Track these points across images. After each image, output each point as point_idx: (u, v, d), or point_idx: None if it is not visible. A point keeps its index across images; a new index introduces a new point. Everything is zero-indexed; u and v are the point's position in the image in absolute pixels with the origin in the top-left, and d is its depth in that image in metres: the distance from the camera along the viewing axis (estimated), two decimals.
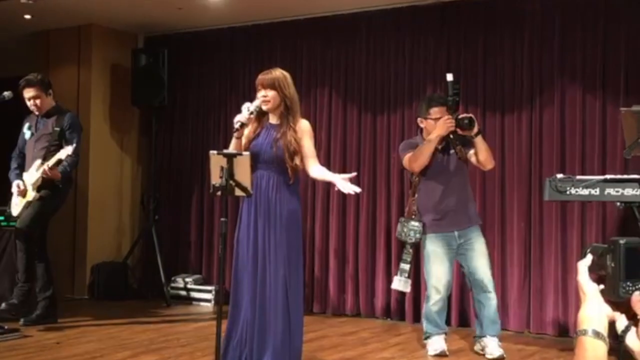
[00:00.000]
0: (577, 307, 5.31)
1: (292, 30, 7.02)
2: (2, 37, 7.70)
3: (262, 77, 4.24)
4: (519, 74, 6.00)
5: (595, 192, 4.57)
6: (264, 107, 4.21)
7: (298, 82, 4.40)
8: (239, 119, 4.11)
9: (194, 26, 7.46)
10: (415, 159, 4.93)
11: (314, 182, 6.54)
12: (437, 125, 4.87)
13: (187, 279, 7.30)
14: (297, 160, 4.18)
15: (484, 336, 4.97)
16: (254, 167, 4.19)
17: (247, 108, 4.15)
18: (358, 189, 4.03)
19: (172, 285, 7.29)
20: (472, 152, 4.95)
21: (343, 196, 6.65)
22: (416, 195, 5.04)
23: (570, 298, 5.67)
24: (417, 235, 4.94)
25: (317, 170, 4.26)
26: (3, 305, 5.67)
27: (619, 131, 5.35)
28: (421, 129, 5.11)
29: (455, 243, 4.98)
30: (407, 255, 4.99)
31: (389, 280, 6.45)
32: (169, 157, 7.75)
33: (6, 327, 5.52)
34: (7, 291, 6.07)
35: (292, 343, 4.16)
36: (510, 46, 6.04)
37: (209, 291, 7.17)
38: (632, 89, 5.54)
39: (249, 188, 4.01)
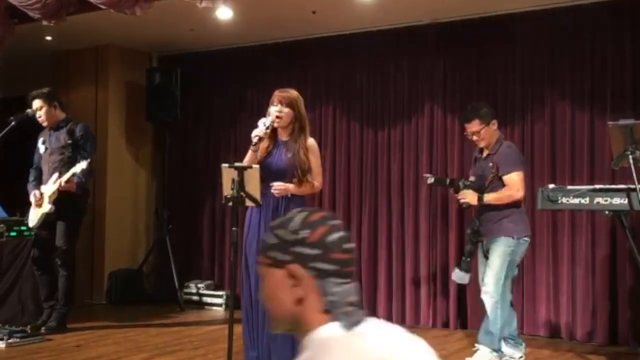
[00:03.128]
0: (568, 311, 5.29)
1: (297, 50, 7.06)
2: (24, 57, 7.73)
3: (280, 94, 4.27)
4: (511, 91, 6.04)
5: (585, 201, 4.56)
6: (276, 123, 4.23)
7: (304, 99, 4.42)
8: (256, 133, 4.15)
9: (205, 46, 7.51)
10: None
11: (320, 193, 6.56)
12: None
13: (200, 285, 7.32)
14: (309, 177, 4.25)
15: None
16: (266, 184, 4.21)
17: (264, 123, 4.19)
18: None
19: (185, 290, 7.31)
20: None
21: (347, 207, 6.70)
22: None
23: (560, 302, 5.69)
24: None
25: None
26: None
27: (606, 144, 5.38)
28: None
29: (483, 251, 4.86)
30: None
31: (390, 287, 6.47)
32: (182, 169, 7.79)
33: (29, 330, 5.56)
34: (29, 297, 6.09)
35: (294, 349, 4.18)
36: (502, 64, 6.08)
37: (221, 296, 7.19)
38: (618, 105, 5.57)
39: (258, 199, 4.05)
